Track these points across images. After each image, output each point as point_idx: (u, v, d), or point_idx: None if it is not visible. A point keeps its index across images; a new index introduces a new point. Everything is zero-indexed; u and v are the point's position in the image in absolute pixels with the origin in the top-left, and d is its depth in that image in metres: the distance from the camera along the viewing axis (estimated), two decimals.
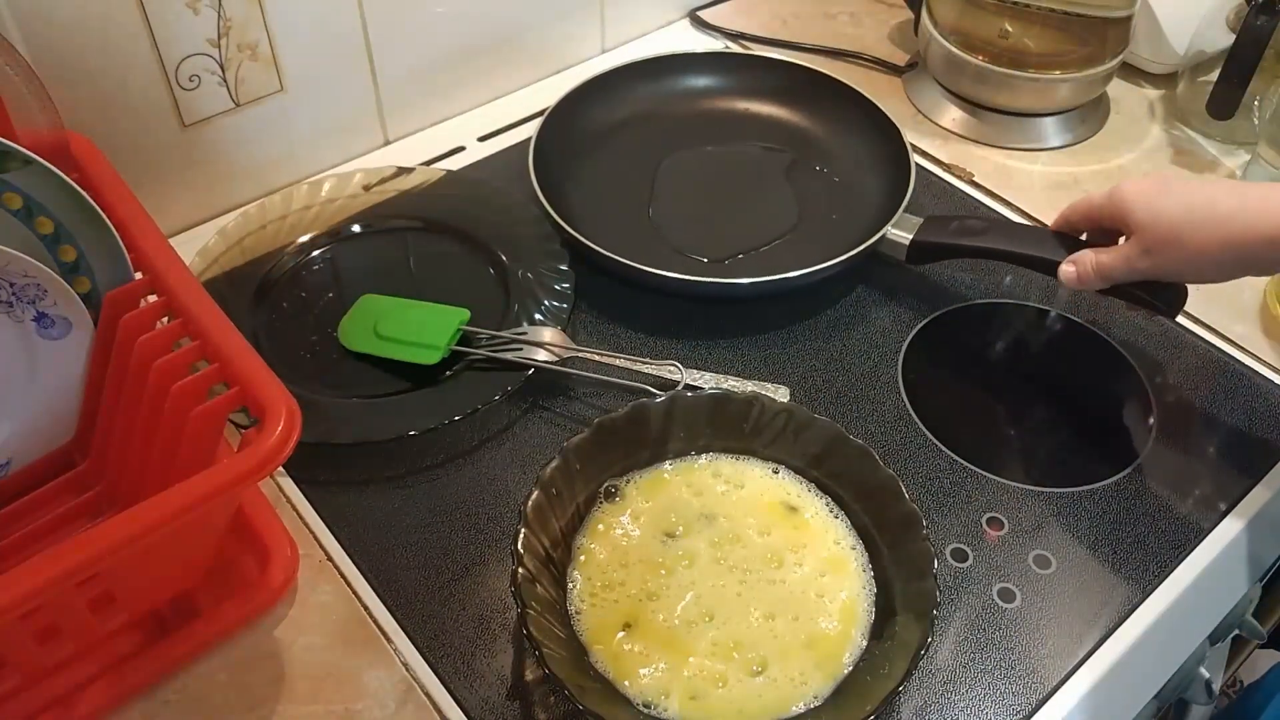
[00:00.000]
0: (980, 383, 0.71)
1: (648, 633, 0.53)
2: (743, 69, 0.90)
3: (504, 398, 0.66)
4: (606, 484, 0.58)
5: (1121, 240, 0.63)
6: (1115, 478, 0.64)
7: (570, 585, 0.54)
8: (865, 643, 0.53)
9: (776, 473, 0.59)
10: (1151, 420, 0.67)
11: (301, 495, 0.63)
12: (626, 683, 0.51)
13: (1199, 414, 0.68)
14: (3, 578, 0.42)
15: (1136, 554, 0.60)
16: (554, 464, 0.55)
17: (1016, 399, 0.70)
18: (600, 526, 0.57)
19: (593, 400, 0.68)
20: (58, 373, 0.56)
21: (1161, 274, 0.61)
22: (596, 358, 0.68)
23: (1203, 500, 0.63)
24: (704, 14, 1.03)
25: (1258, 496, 0.63)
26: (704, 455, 0.60)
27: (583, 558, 0.56)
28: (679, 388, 0.65)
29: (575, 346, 0.68)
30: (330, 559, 0.60)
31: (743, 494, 0.59)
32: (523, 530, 0.52)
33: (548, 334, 0.68)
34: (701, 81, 0.90)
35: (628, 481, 0.59)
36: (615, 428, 0.57)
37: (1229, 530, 0.61)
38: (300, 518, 0.62)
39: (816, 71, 0.88)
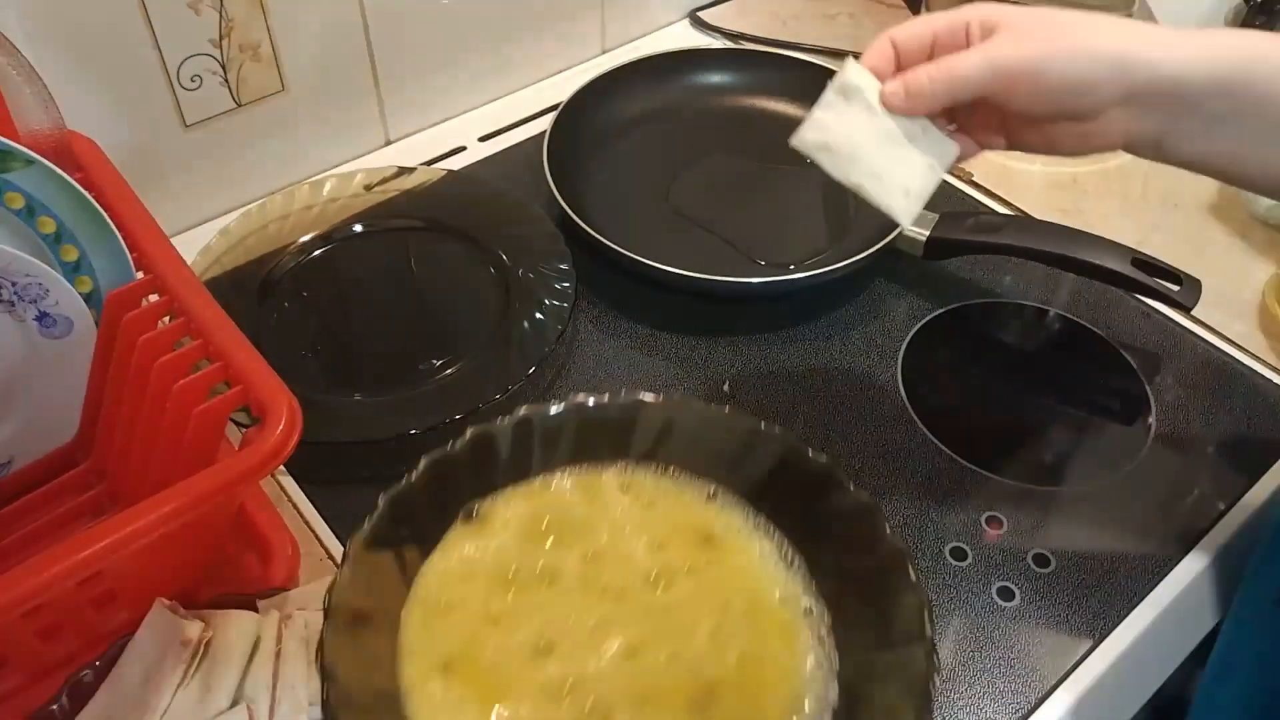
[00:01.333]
0: (979, 382, 0.71)
1: (468, 672, 0.42)
2: (755, 66, 0.91)
3: (504, 397, 0.66)
4: (467, 505, 0.49)
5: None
6: (1114, 476, 0.64)
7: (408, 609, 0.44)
8: None
9: (713, 497, 0.49)
10: (1150, 419, 0.67)
11: (303, 494, 0.63)
12: None
13: (1198, 413, 0.68)
14: (5, 576, 0.42)
15: (1136, 552, 0.60)
16: (373, 517, 0.45)
17: (1016, 398, 0.70)
18: (447, 549, 0.47)
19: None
20: (60, 372, 0.56)
21: (1027, 68, 0.46)
22: None
23: (1202, 499, 0.63)
24: (704, 14, 1.03)
25: (1257, 495, 0.63)
26: (615, 466, 0.49)
27: (427, 577, 0.45)
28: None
29: None
30: (331, 557, 0.60)
31: (650, 513, 0.48)
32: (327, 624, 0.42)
33: None
34: (714, 78, 0.90)
35: (497, 500, 0.49)
36: (455, 460, 0.47)
37: (1228, 528, 0.62)
38: (301, 516, 0.62)
39: (825, 68, 0.88)
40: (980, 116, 0.51)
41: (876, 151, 0.47)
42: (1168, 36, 0.46)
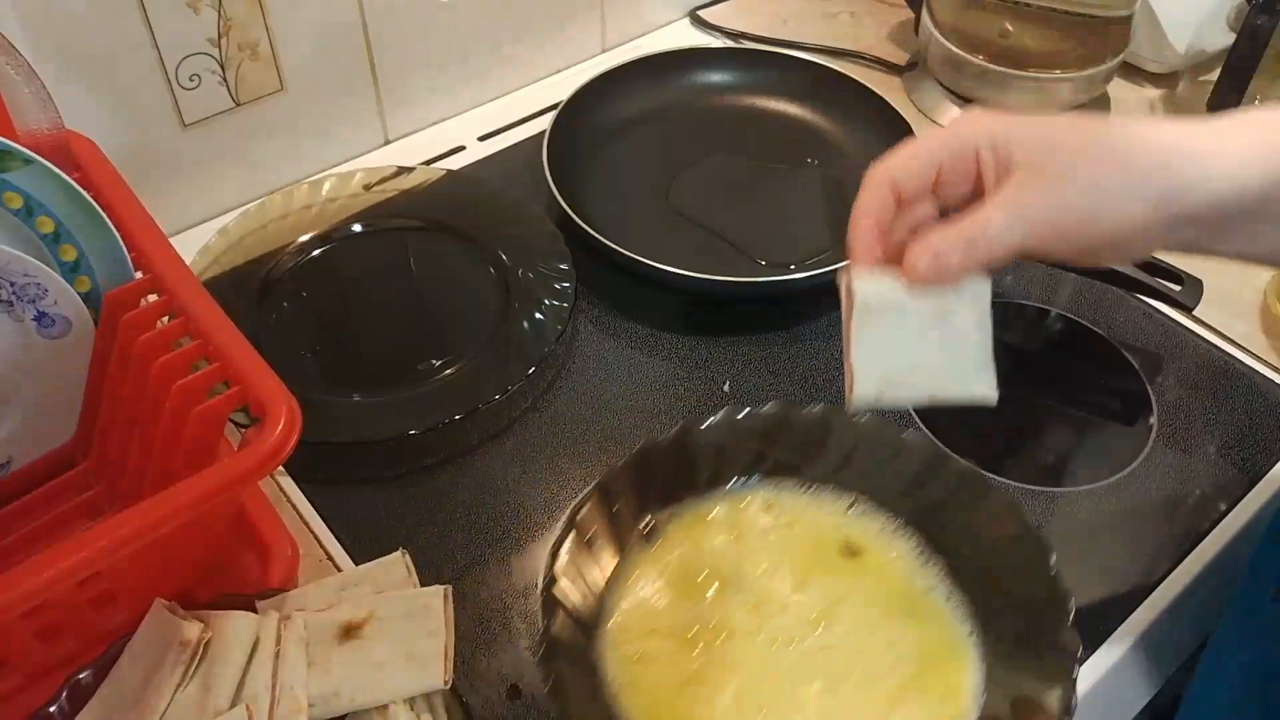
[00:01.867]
0: None
1: None
2: (756, 65, 0.91)
3: (504, 397, 0.66)
4: (647, 519, 0.51)
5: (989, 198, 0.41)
6: (1116, 477, 0.64)
7: (603, 649, 0.47)
8: None
9: (851, 507, 0.50)
10: (1152, 419, 0.67)
11: (302, 494, 0.63)
12: None
13: (1199, 413, 0.68)
14: (4, 576, 0.42)
15: (1137, 552, 0.60)
16: (590, 501, 0.48)
17: (1017, 398, 0.70)
18: (635, 577, 0.49)
19: (596, 394, 0.68)
20: (58, 372, 0.56)
21: (1062, 224, 0.40)
22: None
23: (1203, 499, 0.63)
24: (704, 13, 1.03)
25: (1259, 494, 0.63)
26: (760, 483, 0.51)
27: (617, 618, 0.48)
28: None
29: None
30: (330, 558, 0.60)
31: (790, 533, 0.50)
32: (555, 581, 0.46)
33: None
34: (714, 77, 0.90)
35: (670, 517, 0.51)
36: (659, 453, 0.50)
37: (1230, 528, 0.61)
38: (300, 517, 0.62)
39: (826, 68, 0.88)
40: None
41: (933, 349, 0.42)
42: (1210, 141, 0.40)
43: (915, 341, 0.42)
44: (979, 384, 0.43)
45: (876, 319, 0.41)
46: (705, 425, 0.50)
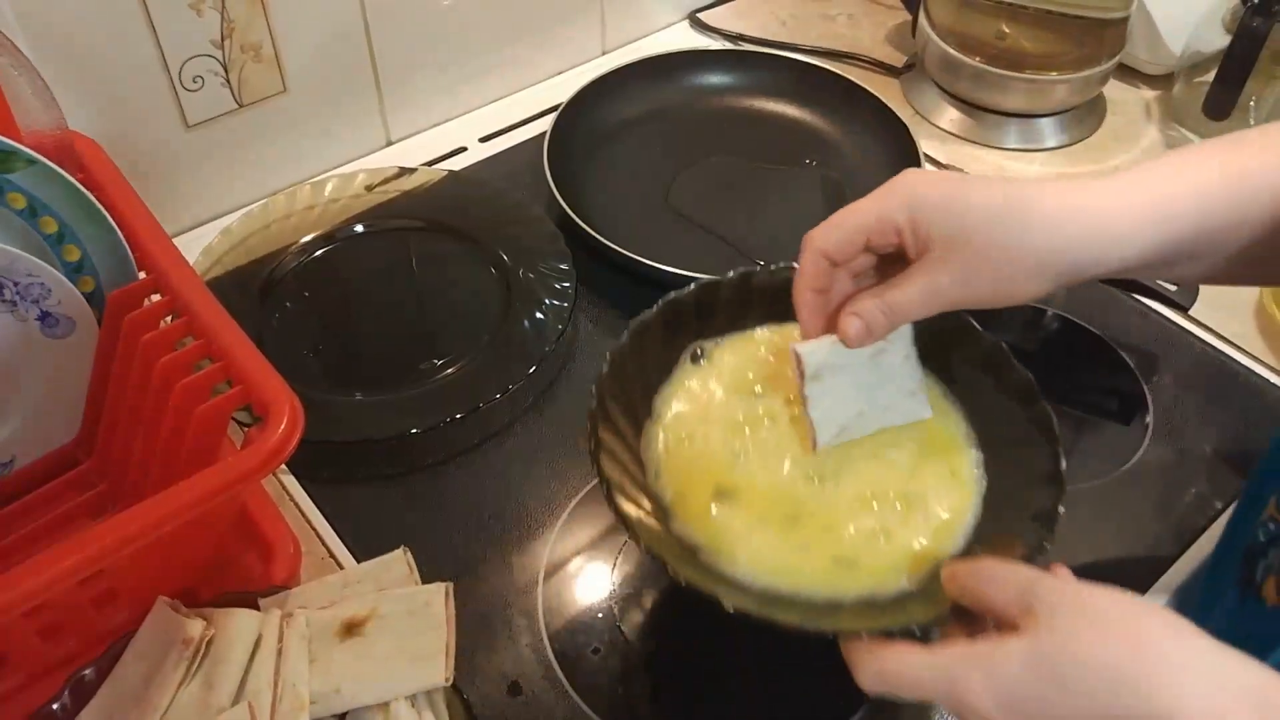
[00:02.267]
0: None
1: (746, 498, 0.49)
2: (754, 66, 0.91)
3: (505, 396, 0.66)
4: (694, 346, 0.55)
5: (914, 266, 0.46)
6: (1112, 475, 0.64)
7: (650, 442, 0.52)
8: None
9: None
10: (1148, 418, 0.68)
11: (304, 493, 0.63)
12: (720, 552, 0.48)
13: (1195, 412, 0.68)
14: (6, 575, 0.42)
15: (1133, 550, 0.61)
16: (623, 341, 0.53)
17: None
18: (686, 385, 0.54)
19: None
20: (62, 371, 0.56)
21: (970, 298, 0.45)
22: None
23: (1198, 497, 0.63)
24: (703, 15, 1.03)
25: None
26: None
27: (664, 412, 0.53)
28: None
29: None
30: (333, 556, 0.60)
31: None
32: (603, 374, 0.50)
33: None
34: (713, 79, 0.91)
35: (716, 345, 0.55)
36: (721, 287, 0.55)
37: (1224, 527, 0.62)
38: (303, 515, 0.62)
39: (824, 69, 0.89)
40: None
41: (873, 390, 0.50)
42: (1105, 213, 0.44)
43: (857, 389, 0.50)
44: (914, 407, 0.52)
45: (825, 378, 0.49)
46: (761, 271, 0.55)
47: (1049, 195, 0.44)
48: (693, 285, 0.55)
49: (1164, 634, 0.36)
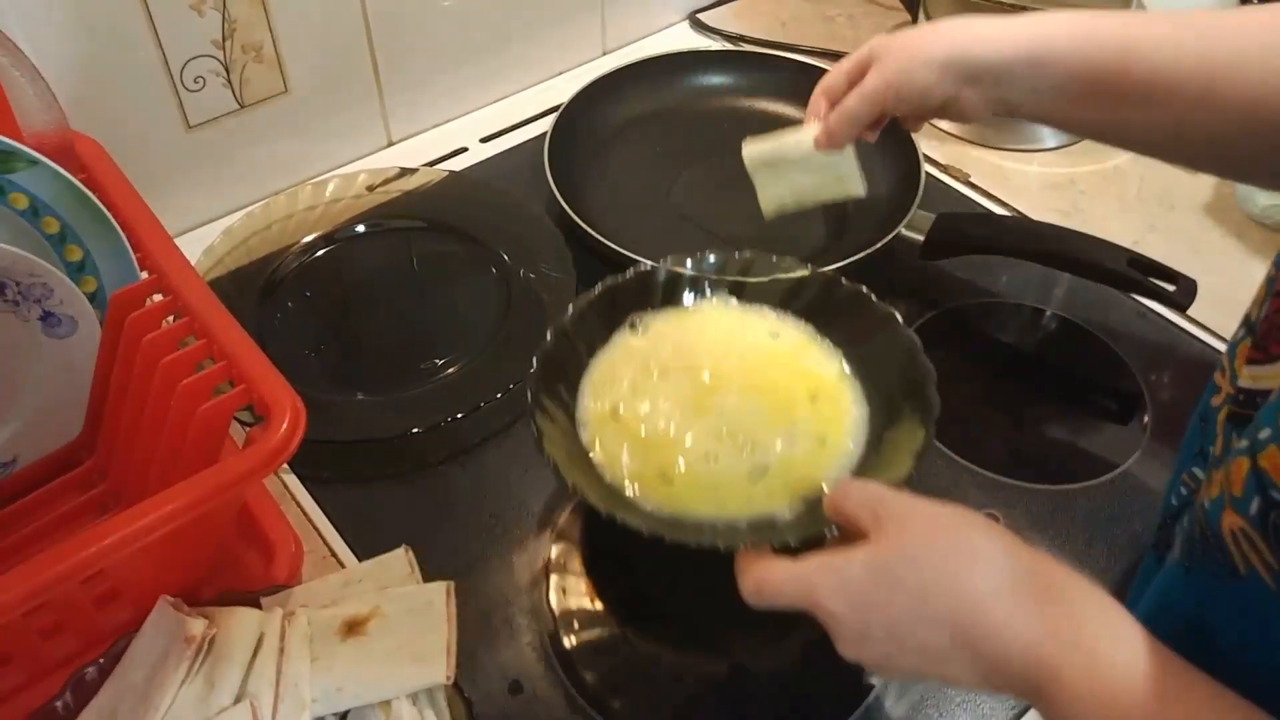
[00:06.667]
0: (976, 381, 0.71)
1: (629, 417, 0.57)
2: (755, 67, 0.91)
3: (505, 395, 0.66)
4: (630, 318, 0.62)
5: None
6: (1109, 475, 0.64)
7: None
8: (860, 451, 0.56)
9: (783, 315, 0.63)
10: (1146, 418, 0.68)
11: (306, 492, 0.63)
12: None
13: (1193, 411, 0.68)
14: (8, 575, 0.43)
15: (1131, 550, 0.61)
16: (568, 315, 0.59)
17: (1012, 397, 0.70)
18: (613, 346, 0.61)
19: None
20: (64, 371, 0.56)
21: (890, 95, 0.58)
22: None
23: None
24: (704, 16, 1.04)
25: None
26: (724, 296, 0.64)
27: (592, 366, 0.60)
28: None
29: None
30: (334, 555, 0.60)
31: (736, 319, 0.63)
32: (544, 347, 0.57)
33: None
34: (714, 80, 0.91)
35: (655, 317, 0.62)
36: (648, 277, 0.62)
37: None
38: (304, 514, 0.62)
39: (825, 70, 0.88)
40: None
41: (812, 171, 0.64)
42: (989, 29, 0.56)
43: (797, 172, 0.64)
44: (850, 186, 0.64)
45: (767, 168, 0.64)
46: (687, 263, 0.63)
47: (955, 24, 0.57)
48: (630, 271, 0.62)
49: (982, 536, 0.42)
